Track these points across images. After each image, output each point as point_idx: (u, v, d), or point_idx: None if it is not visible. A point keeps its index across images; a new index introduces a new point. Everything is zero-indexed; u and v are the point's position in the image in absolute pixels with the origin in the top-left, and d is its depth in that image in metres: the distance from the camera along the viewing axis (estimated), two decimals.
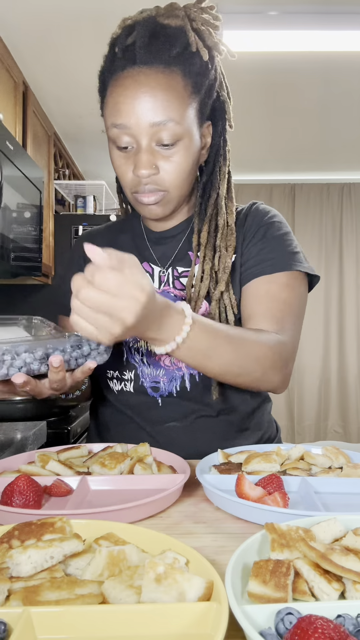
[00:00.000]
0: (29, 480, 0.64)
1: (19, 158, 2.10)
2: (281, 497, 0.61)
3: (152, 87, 0.80)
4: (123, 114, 0.81)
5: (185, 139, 0.83)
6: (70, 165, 3.75)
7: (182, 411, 0.93)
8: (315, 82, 2.81)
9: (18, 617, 0.37)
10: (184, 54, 0.82)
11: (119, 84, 0.82)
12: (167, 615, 0.38)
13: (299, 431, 4.69)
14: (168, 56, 0.81)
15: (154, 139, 0.81)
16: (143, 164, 0.81)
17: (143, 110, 0.80)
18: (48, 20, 2.20)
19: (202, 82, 0.85)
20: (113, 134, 0.83)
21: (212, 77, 0.87)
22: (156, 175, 0.83)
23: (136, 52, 0.81)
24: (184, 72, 0.82)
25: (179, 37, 0.82)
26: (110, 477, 0.73)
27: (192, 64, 0.83)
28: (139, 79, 0.80)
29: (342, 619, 0.37)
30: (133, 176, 0.84)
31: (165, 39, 0.82)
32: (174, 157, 0.83)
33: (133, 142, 0.83)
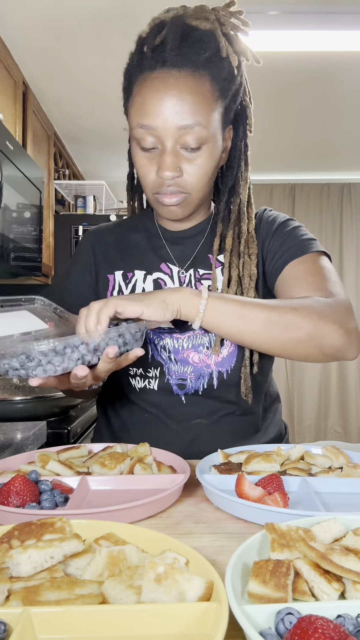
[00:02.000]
0: (25, 480, 0.64)
1: (19, 158, 2.10)
2: (281, 497, 0.61)
3: (181, 90, 0.80)
4: (150, 115, 0.81)
5: (209, 143, 0.84)
6: (70, 165, 3.75)
7: (207, 409, 0.94)
8: (316, 82, 2.81)
9: (18, 617, 0.37)
10: (213, 58, 0.82)
11: (148, 84, 0.82)
12: (167, 616, 0.38)
13: (299, 431, 4.69)
14: (198, 60, 0.81)
15: (179, 142, 0.82)
16: (167, 166, 0.82)
17: (171, 113, 0.80)
18: (48, 20, 2.20)
19: (228, 88, 0.86)
20: (138, 134, 0.83)
21: (238, 82, 0.88)
22: (179, 177, 0.84)
23: (166, 54, 0.81)
24: (212, 76, 0.82)
25: (210, 41, 0.82)
26: (110, 477, 0.73)
27: (220, 68, 0.83)
28: (168, 81, 0.80)
29: (342, 619, 0.37)
30: (156, 177, 0.85)
31: (196, 42, 0.81)
32: (198, 160, 0.84)
33: (158, 143, 0.83)
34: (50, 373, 0.67)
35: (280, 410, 1.07)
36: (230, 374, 0.92)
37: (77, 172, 3.99)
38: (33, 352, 0.66)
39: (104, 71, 2.59)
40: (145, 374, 0.95)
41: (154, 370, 0.94)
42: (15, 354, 0.66)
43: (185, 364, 0.93)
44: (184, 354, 0.93)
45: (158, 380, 0.94)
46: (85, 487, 0.70)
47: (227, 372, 0.92)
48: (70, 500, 0.64)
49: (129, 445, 0.86)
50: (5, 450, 1.08)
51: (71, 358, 0.68)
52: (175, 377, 0.93)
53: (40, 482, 0.67)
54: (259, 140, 3.82)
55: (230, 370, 0.92)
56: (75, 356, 0.69)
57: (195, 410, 0.94)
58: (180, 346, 0.93)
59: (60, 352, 0.67)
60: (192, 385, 0.93)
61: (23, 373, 0.67)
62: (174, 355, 0.93)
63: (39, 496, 0.65)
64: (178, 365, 0.93)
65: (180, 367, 0.93)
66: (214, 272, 0.95)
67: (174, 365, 0.93)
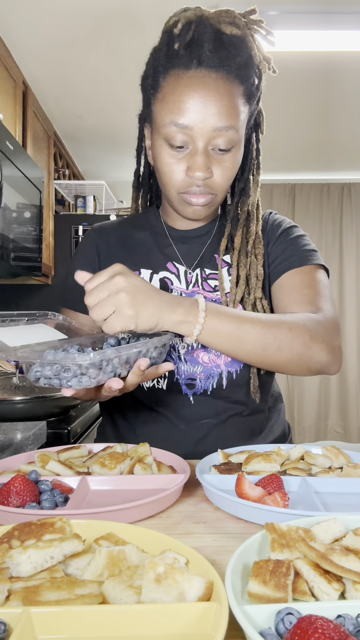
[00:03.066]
0: (25, 480, 0.64)
1: (19, 158, 2.10)
2: (281, 497, 0.61)
3: (220, 92, 0.81)
4: (187, 114, 0.81)
5: (237, 146, 0.86)
6: (70, 165, 3.75)
7: (214, 409, 0.94)
8: (316, 82, 2.81)
9: (18, 617, 0.37)
10: (245, 65, 0.84)
11: (184, 83, 0.81)
12: (167, 616, 0.38)
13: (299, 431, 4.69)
14: (233, 64, 0.82)
15: (211, 143, 0.83)
16: (200, 166, 0.83)
17: (208, 114, 0.80)
18: (48, 20, 2.20)
19: (255, 94, 0.88)
20: (170, 132, 0.83)
21: (261, 88, 0.90)
22: (210, 179, 0.85)
23: (203, 54, 0.81)
24: (243, 82, 0.84)
25: (243, 48, 0.83)
26: (110, 477, 0.72)
27: (250, 75, 0.85)
28: (206, 82, 0.81)
29: (342, 619, 0.37)
30: (184, 176, 0.85)
31: (231, 47, 0.83)
32: (227, 162, 0.85)
33: (190, 142, 0.83)
34: (85, 385, 0.66)
35: (284, 410, 1.08)
36: (239, 373, 0.93)
37: (77, 172, 3.99)
38: (69, 363, 0.65)
39: (104, 71, 2.59)
40: None
41: None
42: (50, 363, 0.65)
43: (195, 363, 0.93)
44: (194, 354, 0.93)
45: (167, 380, 0.94)
46: (85, 487, 0.70)
47: (236, 372, 0.93)
48: (70, 500, 0.64)
49: (129, 445, 0.86)
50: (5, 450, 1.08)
51: (105, 370, 0.68)
52: (184, 376, 0.93)
53: (40, 482, 0.67)
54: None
55: (240, 370, 0.93)
56: (109, 369, 0.68)
57: (203, 410, 0.94)
58: (190, 346, 0.93)
59: (97, 365, 0.66)
60: (201, 385, 0.93)
61: (56, 383, 0.67)
62: (183, 355, 0.93)
63: (39, 496, 0.65)
64: (188, 365, 0.93)
65: (190, 366, 0.93)
66: (220, 272, 0.96)
67: (184, 365, 0.93)
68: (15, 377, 1.86)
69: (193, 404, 0.94)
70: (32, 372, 0.67)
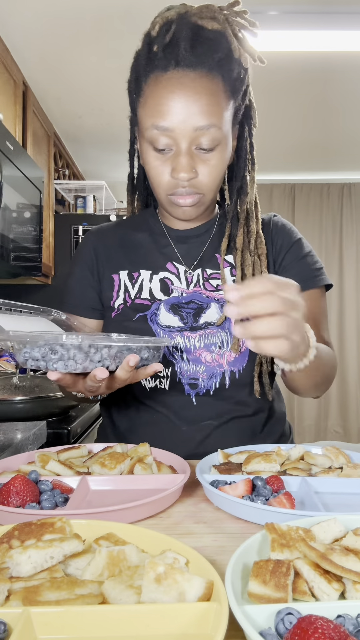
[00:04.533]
0: (25, 480, 0.64)
1: (19, 158, 2.10)
2: (287, 498, 0.61)
3: (198, 91, 0.80)
4: (167, 116, 0.80)
5: (222, 144, 0.84)
6: (70, 165, 3.75)
7: (217, 410, 0.94)
8: (316, 82, 2.81)
9: (18, 617, 0.37)
10: (225, 59, 0.82)
11: (162, 85, 0.81)
12: (167, 616, 0.38)
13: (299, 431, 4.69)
14: (211, 61, 0.81)
15: (194, 143, 0.82)
16: (184, 167, 0.82)
17: (189, 114, 0.80)
18: (48, 20, 2.20)
19: (239, 88, 0.86)
20: (152, 135, 0.82)
21: (246, 82, 0.89)
22: (195, 179, 0.84)
23: (180, 54, 0.80)
24: (224, 77, 0.83)
25: (222, 42, 0.82)
26: (110, 477, 0.72)
27: (232, 69, 0.83)
28: (183, 82, 0.80)
29: (342, 619, 0.37)
30: (170, 178, 0.85)
31: (209, 42, 0.81)
32: (212, 161, 0.84)
33: (173, 144, 0.83)
34: (70, 369, 0.67)
35: (284, 409, 1.07)
36: (242, 373, 0.93)
37: (77, 172, 3.99)
38: (56, 346, 0.66)
39: (104, 71, 2.59)
40: (157, 373, 0.94)
41: (166, 370, 0.94)
42: (39, 345, 0.67)
43: (197, 363, 0.92)
44: (197, 353, 0.92)
45: (169, 380, 0.93)
46: (85, 487, 0.70)
47: (239, 371, 0.93)
48: (70, 500, 0.64)
49: (129, 445, 0.86)
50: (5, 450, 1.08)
51: (93, 359, 0.68)
52: (187, 376, 0.93)
53: (40, 482, 0.67)
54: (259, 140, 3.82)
55: (242, 369, 0.93)
56: (97, 358, 0.68)
57: (205, 411, 0.93)
58: (192, 345, 0.92)
59: (84, 350, 0.67)
60: (204, 384, 0.92)
61: (42, 365, 0.67)
62: (186, 354, 0.93)
63: (39, 496, 0.65)
64: (190, 364, 0.93)
65: (193, 366, 0.92)
66: (223, 272, 0.96)
67: (186, 364, 0.93)
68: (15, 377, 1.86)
69: (195, 405, 0.93)
70: (21, 354, 0.68)
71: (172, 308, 0.95)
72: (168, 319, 0.94)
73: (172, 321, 0.94)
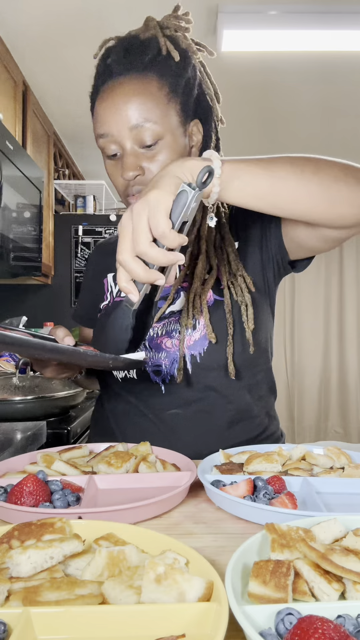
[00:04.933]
0: (38, 481, 0.64)
1: (19, 158, 2.09)
2: (289, 499, 0.61)
3: (126, 93, 0.84)
4: (105, 124, 0.85)
5: (167, 138, 0.86)
6: (70, 165, 3.75)
7: (184, 399, 0.94)
8: (316, 82, 2.81)
9: (18, 617, 0.37)
10: (157, 59, 0.86)
11: (100, 98, 0.87)
12: (167, 616, 0.38)
13: (299, 431, 4.69)
14: (141, 63, 0.85)
15: (136, 142, 0.85)
16: (128, 166, 0.85)
17: (121, 117, 0.84)
18: (48, 20, 2.20)
19: (178, 82, 0.88)
20: (101, 145, 0.88)
21: (189, 76, 0.90)
22: (142, 176, 0.86)
23: (113, 66, 0.86)
24: (159, 75, 0.86)
25: (151, 45, 0.86)
26: (117, 475, 0.73)
27: (166, 66, 0.86)
28: (115, 89, 0.85)
29: (343, 620, 0.37)
30: (123, 180, 0.88)
31: (138, 48, 0.86)
32: (158, 156, 0.86)
33: (119, 148, 0.87)
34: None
35: (271, 404, 1.04)
36: (203, 356, 0.92)
37: (77, 172, 3.99)
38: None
39: None
40: None
41: None
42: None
43: (159, 350, 0.94)
44: (158, 341, 0.94)
45: (136, 369, 0.95)
46: (93, 486, 0.70)
47: (199, 355, 0.92)
48: (83, 499, 0.64)
49: (129, 444, 0.86)
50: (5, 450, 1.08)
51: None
52: (151, 363, 0.94)
53: (49, 482, 0.68)
54: (259, 140, 3.84)
55: (204, 352, 0.92)
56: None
57: (173, 400, 0.94)
58: (155, 334, 0.94)
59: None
60: (167, 370, 0.93)
61: None
62: (148, 342, 0.94)
63: (51, 496, 0.65)
64: (153, 352, 0.94)
65: (155, 353, 0.94)
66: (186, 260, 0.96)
67: (149, 352, 0.94)
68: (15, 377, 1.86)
69: (164, 393, 0.94)
70: None
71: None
72: None
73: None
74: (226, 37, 2.21)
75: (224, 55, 2.36)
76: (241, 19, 2.11)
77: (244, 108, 3.04)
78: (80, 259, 3.28)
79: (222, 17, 2.11)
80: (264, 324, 0.98)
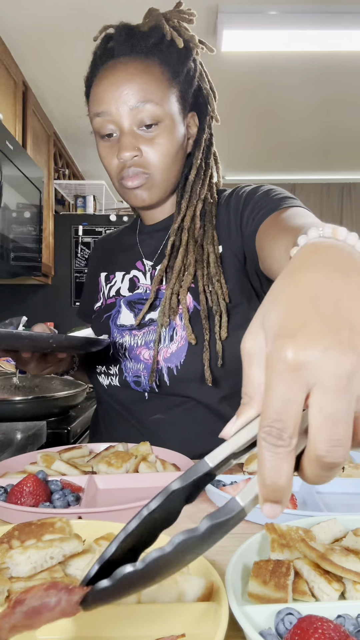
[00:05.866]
0: (38, 481, 0.64)
1: (19, 158, 2.09)
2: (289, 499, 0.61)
3: (130, 72, 0.83)
4: (104, 102, 0.84)
5: (166, 121, 0.85)
6: (70, 165, 3.75)
7: (166, 404, 0.92)
8: (316, 82, 2.81)
9: None
10: (160, 44, 0.86)
11: (100, 77, 0.86)
12: (166, 616, 0.38)
13: None
14: (145, 46, 0.85)
15: (135, 123, 0.83)
16: (126, 146, 0.83)
17: (122, 96, 0.82)
18: (48, 20, 2.20)
19: (180, 70, 0.87)
20: (97, 124, 0.86)
21: (190, 66, 0.89)
22: (139, 157, 0.84)
23: (115, 47, 0.85)
24: (161, 60, 0.85)
25: (155, 31, 0.86)
26: (117, 475, 0.73)
27: (169, 52, 0.86)
28: (117, 68, 0.84)
29: (342, 619, 0.37)
30: (118, 162, 0.85)
31: (141, 33, 0.86)
32: (157, 139, 0.84)
33: (116, 129, 0.85)
34: None
35: None
36: (180, 369, 0.88)
37: (77, 172, 3.99)
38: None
39: None
40: (107, 371, 0.97)
41: (114, 368, 0.95)
42: None
43: (137, 361, 0.92)
44: (137, 351, 0.92)
45: (118, 378, 0.95)
46: (93, 486, 0.70)
47: (176, 367, 0.88)
48: (84, 499, 0.64)
49: (129, 444, 0.86)
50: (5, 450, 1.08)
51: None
52: (131, 374, 0.93)
53: (49, 481, 0.68)
54: (259, 140, 3.84)
55: (180, 365, 0.88)
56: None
57: (156, 405, 0.92)
58: (135, 343, 0.92)
59: None
60: (145, 382, 0.91)
61: None
62: (128, 352, 0.93)
63: (51, 496, 0.65)
64: (132, 362, 0.93)
65: (135, 364, 0.92)
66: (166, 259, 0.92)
67: (129, 362, 0.93)
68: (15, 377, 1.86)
69: (147, 399, 0.93)
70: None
71: (128, 304, 0.96)
72: (126, 317, 0.95)
73: (128, 319, 0.95)
74: (226, 37, 2.21)
75: (224, 55, 2.36)
76: (241, 19, 2.11)
77: (244, 108, 3.04)
78: (80, 259, 3.28)
79: (222, 17, 2.11)
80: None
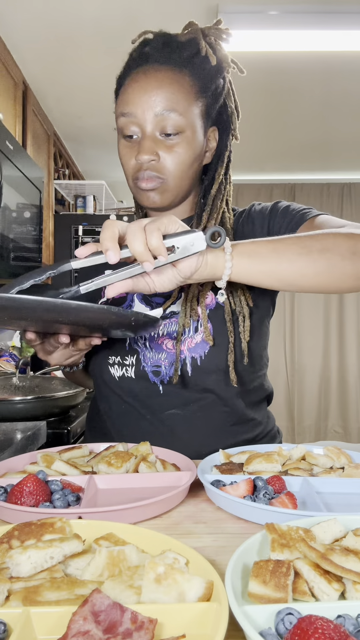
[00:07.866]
0: (38, 481, 0.64)
1: (19, 158, 2.09)
2: (289, 499, 0.61)
3: (160, 80, 0.86)
4: (131, 104, 0.86)
5: (187, 132, 0.87)
6: (70, 165, 3.75)
7: (183, 399, 0.93)
8: (316, 82, 2.81)
9: (18, 617, 0.37)
10: (194, 57, 0.89)
11: (132, 78, 0.88)
12: (167, 616, 0.38)
13: (299, 431, 4.69)
14: (179, 57, 0.88)
15: (157, 128, 0.86)
16: (145, 149, 0.86)
17: (149, 101, 0.85)
18: (48, 20, 2.20)
19: (209, 86, 0.91)
20: (121, 123, 0.89)
21: (219, 84, 0.93)
22: (156, 162, 0.87)
23: (150, 53, 0.89)
24: (192, 73, 0.88)
25: (191, 44, 0.89)
26: (117, 475, 0.73)
27: (201, 68, 0.89)
28: (149, 73, 0.87)
29: (342, 620, 0.37)
30: (135, 163, 0.88)
31: (179, 43, 0.89)
32: (176, 147, 0.87)
33: (138, 131, 0.87)
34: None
35: (264, 408, 1.04)
36: (204, 359, 0.92)
37: (77, 172, 3.99)
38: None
39: (104, 71, 2.59)
40: (122, 361, 0.96)
41: (130, 358, 0.95)
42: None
43: (159, 350, 0.93)
44: (159, 341, 0.94)
45: (134, 368, 0.95)
46: (93, 486, 0.70)
47: (200, 358, 0.92)
48: (84, 499, 0.64)
49: (129, 444, 0.86)
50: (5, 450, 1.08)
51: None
52: (150, 364, 0.94)
53: (49, 481, 0.68)
54: (259, 140, 3.84)
55: (204, 356, 0.91)
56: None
57: (171, 400, 0.93)
58: (156, 334, 0.94)
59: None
60: (166, 371, 0.93)
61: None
62: (149, 342, 0.94)
63: (51, 496, 0.65)
64: (153, 352, 0.94)
65: (155, 353, 0.94)
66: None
67: (149, 352, 0.94)
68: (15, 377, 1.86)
69: (162, 394, 0.93)
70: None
71: (143, 299, 0.98)
72: (140, 310, 0.96)
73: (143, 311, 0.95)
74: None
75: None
76: (241, 19, 2.11)
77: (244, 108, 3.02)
78: None
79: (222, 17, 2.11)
80: (263, 336, 1.00)
